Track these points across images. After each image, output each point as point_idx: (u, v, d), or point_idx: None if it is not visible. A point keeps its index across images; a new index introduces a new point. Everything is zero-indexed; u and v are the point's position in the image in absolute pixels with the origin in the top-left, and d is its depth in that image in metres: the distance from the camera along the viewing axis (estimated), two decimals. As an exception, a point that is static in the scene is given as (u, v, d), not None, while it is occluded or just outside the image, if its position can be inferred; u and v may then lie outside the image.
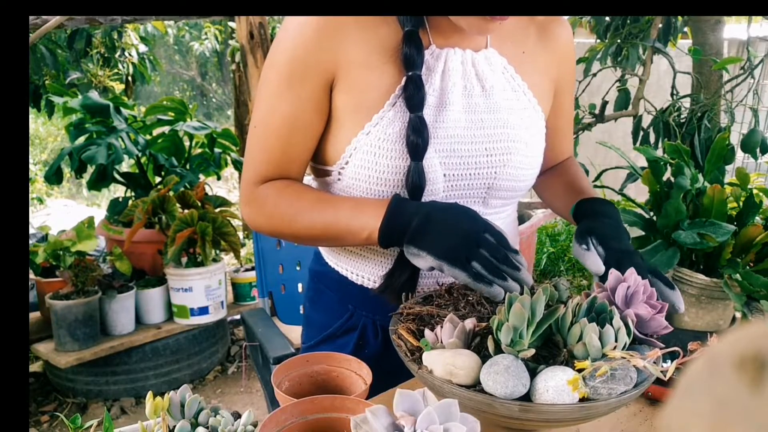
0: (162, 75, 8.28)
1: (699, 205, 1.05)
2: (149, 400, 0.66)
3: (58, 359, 2.31)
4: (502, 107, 0.88)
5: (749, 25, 2.25)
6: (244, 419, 0.69)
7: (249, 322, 1.64)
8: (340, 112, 0.85)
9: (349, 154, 0.85)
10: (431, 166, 0.84)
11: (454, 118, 0.85)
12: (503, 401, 0.62)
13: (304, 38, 0.81)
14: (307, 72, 0.82)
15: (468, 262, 0.74)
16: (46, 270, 2.47)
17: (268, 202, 0.87)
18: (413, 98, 0.81)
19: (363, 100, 0.83)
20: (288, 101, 0.84)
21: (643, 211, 1.12)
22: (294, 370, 0.80)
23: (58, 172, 2.73)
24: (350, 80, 0.83)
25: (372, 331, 0.98)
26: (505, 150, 0.87)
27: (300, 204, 0.86)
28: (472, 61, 0.87)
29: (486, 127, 0.87)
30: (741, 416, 0.21)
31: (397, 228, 0.78)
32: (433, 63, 0.85)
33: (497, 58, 0.89)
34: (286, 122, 0.85)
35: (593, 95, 2.38)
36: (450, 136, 0.85)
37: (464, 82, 0.87)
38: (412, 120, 0.81)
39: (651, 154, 1.09)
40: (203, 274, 2.44)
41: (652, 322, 0.74)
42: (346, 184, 0.87)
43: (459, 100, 0.86)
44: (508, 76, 0.90)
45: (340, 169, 0.87)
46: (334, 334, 1.01)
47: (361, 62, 0.82)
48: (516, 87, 0.91)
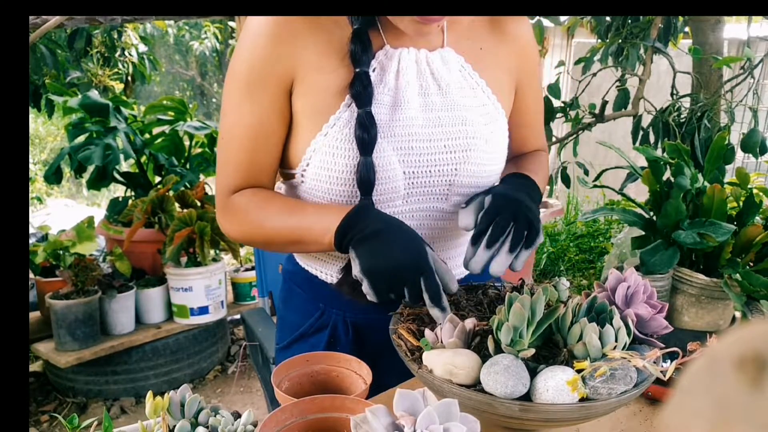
0: (162, 75, 8.28)
1: (699, 205, 1.05)
2: (149, 400, 0.66)
3: (58, 359, 2.31)
4: (459, 105, 0.89)
5: (749, 25, 2.25)
6: (244, 419, 0.69)
7: (249, 321, 1.64)
8: (300, 116, 0.87)
9: (309, 156, 0.87)
10: (389, 163, 0.85)
11: (411, 116, 0.87)
12: (503, 401, 0.62)
13: (259, 47, 0.84)
14: (265, 80, 0.85)
15: (387, 293, 0.76)
16: (46, 270, 2.47)
17: (240, 211, 0.89)
18: (360, 95, 0.83)
19: (319, 103, 0.85)
20: (249, 111, 0.86)
21: (643, 211, 1.12)
22: (294, 370, 0.80)
23: (57, 172, 2.73)
24: (306, 84, 0.85)
25: (342, 329, 0.99)
26: (465, 147, 0.88)
27: (268, 210, 0.88)
28: (427, 60, 0.88)
29: (444, 125, 0.88)
30: (741, 416, 0.21)
31: (350, 231, 0.80)
32: (386, 62, 0.87)
33: (454, 56, 0.90)
34: (250, 132, 0.87)
35: (593, 95, 2.38)
36: (407, 134, 0.86)
37: (419, 81, 0.88)
38: (359, 116, 0.83)
39: (651, 154, 1.09)
40: (203, 274, 2.45)
41: (652, 322, 0.74)
42: (309, 185, 0.89)
43: (415, 99, 0.87)
44: (465, 74, 0.91)
45: (302, 171, 0.89)
46: (306, 333, 1.02)
47: (315, 66, 0.85)
48: (474, 84, 0.92)
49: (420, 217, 0.92)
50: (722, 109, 2.16)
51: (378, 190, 0.86)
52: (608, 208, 1.12)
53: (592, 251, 3.77)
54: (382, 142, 0.85)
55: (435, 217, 0.93)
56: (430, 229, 0.93)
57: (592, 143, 1.82)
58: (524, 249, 0.80)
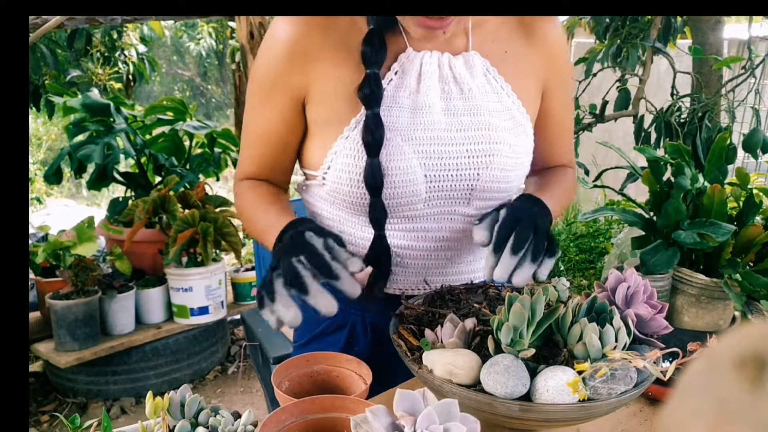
0: (161, 75, 8.28)
1: (699, 205, 1.05)
2: (149, 400, 0.66)
3: (58, 359, 2.31)
4: (482, 109, 0.88)
5: (750, 25, 2.25)
6: (244, 419, 0.69)
7: (249, 322, 1.64)
8: (317, 123, 0.89)
9: (330, 159, 0.88)
10: (410, 166, 0.85)
11: (433, 120, 0.86)
12: (503, 401, 0.62)
13: (276, 57, 0.87)
14: (276, 90, 0.88)
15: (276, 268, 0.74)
16: (46, 270, 2.47)
17: (238, 198, 0.97)
18: (368, 97, 0.83)
19: (339, 108, 0.86)
20: (262, 115, 0.91)
21: (643, 211, 1.12)
22: (294, 370, 0.80)
23: (57, 172, 2.72)
24: (323, 93, 0.87)
25: (361, 329, 0.99)
26: (488, 152, 0.88)
27: (256, 207, 0.93)
28: (450, 64, 0.88)
29: (466, 129, 0.87)
30: (741, 416, 0.21)
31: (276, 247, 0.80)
32: (408, 66, 0.87)
33: (479, 60, 0.89)
34: (261, 133, 0.92)
35: (593, 95, 2.38)
36: (429, 137, 0.86)
37: (441, 84, 0.88)
38: (366, 117, 0.83)
39: (651, 154, 1.09)
40: (203, 274, 2.44)
41: (652, 322, 0.74)
42: (331, 188, 0.89)
43: (438, 103, 0.87)
44: (490, 78, 0.90)
45: (324, 173, 0.89)
46: (324, 331, 1.02)
47: (333, 75, 0.86)
48: (499, 89, 0.90)
49: (442, 220, 0.91)
50: (723, 109, 2.16)
51: (398, 193, 0.86)
52: (608, 208, 1.12)
53: (592, 251, 3.77)
54: (402, 145, 0.85)
55: (457, 221, 0.92)
56: (452, 232, 0.92)
57: (592, 143, 1.82)
58: (547, 258, 0.78)
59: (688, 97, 2.14)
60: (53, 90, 2.93)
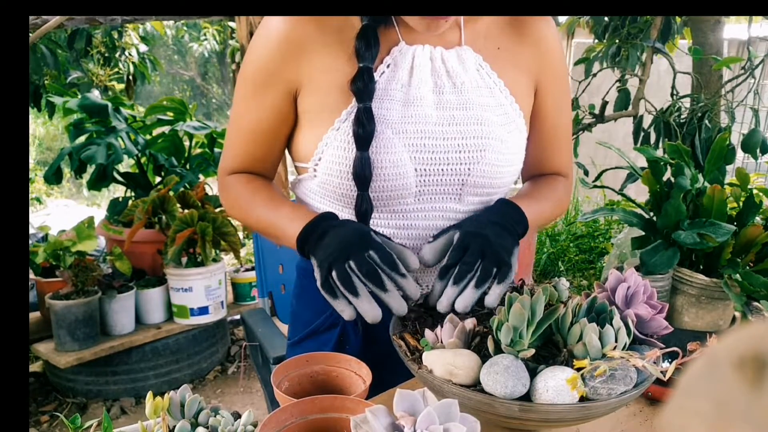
0: (162, 75, 8.28)
1: (699, 205, 1.05)
2: (149, 400, 0.66)
3: (58, 359, 2.31)
4: (475, 104, 0.88)
5: (750, 25, 2.25)
6: (244, 419, 0.69)
7: (249, 322, 1.64)
8: (308, 114, 0.89)
9: (321, 151, 0.88)
10: (400, 160, 0.85)
11: (424, 113, 0.86)
12: (503, 401, 0.62)
13: (269, 51, 0.87)
14: (269, 84, 0.88)
15: (329, 271, 0.77)
16: (46, 270, 2.47)
17: (231, 192, 0.96)
18: (361, 90, 0.83)
19: (330, 100, 0.86)
20: (252, 108, 0.90)
21: (643, 211, 1.12)
22: (294, 370, 0.80)
23: (57, 172, 2.73)
24: (315, 85, 0.87)
25: (352, 327, 0.98)
26: (479, 147, 0.87)
27: (254, 200, 0.93)
28: (442, 57, 0.88)
29: (458, 124, 0.87)
30: (741, 416, 0.21)
31: (306, 242, 0.83)
32: (400, 59, 0.87)
33: (471, 55, 0.89)
34: (251, 127, 0.92)
35: (593, 95, 2.38)
36: (419, 131, 0.86)
37: (434, 78, 0.87)
38: (357, 111, 0.83)
39: (651, 154, 1.09)
40: (203, 274, 2.44)
41: (652, 322, 0.74)
42: (321, 179, 0.89)
43: (429, 96, 0.87)
44: (483, 73, 0.90)
45: (315, 165, 0.89)
46: (318, 330, 1.02)
47: (326, 68, 0.86)
48: (491, 84, 0.90)
49: (431, 217, 0.91)
50: (722, 109, 2.16)
51: (388, 186, 0.86)
52: (608, 209, 1.12)
53: (592, 251, 3.77)
54: (393, 138, 0.85)
55: (448, 217, 0.91)
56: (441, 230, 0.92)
57: (592, 143, 1.82)
58: (496, 284, 0.78)
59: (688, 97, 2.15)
60: (53, 90, 2.93)
